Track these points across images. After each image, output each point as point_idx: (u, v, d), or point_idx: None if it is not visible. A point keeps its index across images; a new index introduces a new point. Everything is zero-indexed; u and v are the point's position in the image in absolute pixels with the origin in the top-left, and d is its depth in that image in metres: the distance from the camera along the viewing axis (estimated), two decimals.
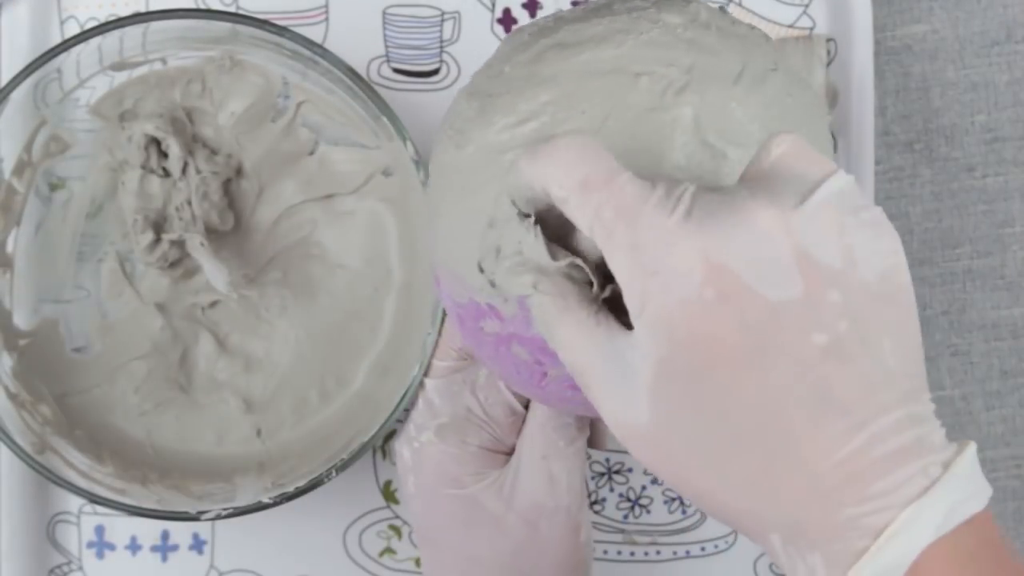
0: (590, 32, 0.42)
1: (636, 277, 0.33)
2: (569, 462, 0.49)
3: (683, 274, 0.32)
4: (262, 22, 0.54)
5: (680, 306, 0.32)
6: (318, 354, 0.59)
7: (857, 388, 0.32)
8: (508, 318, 0.42)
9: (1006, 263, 0.65)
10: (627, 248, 0.33)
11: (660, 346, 0.33)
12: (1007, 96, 0.64)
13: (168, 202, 0.57)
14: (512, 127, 0.41)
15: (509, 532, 0.50)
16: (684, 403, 0.33)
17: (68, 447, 0.55)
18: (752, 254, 0.32)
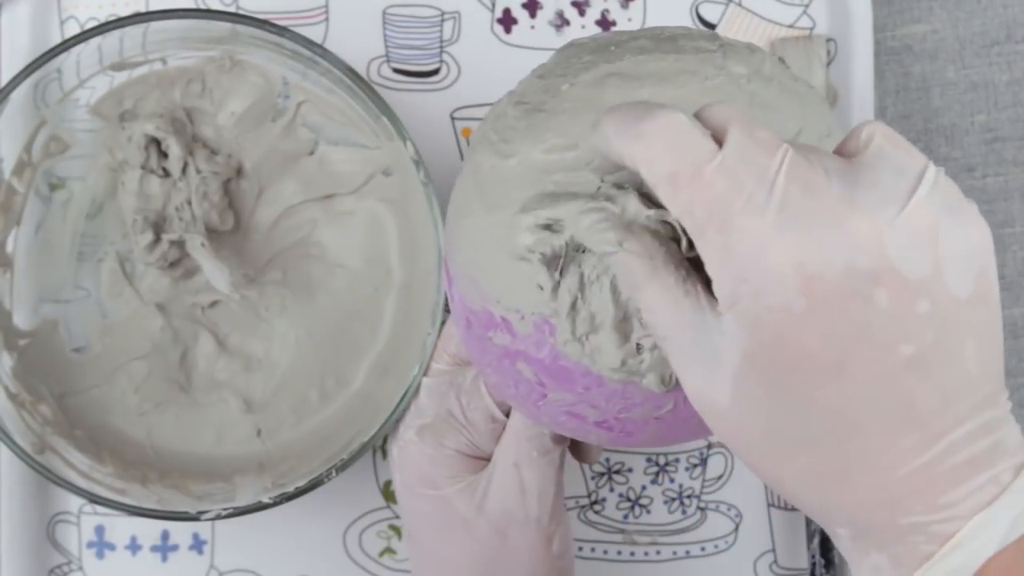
0: (653, 67, 0.41)
1: (727, 278, 0.33)
2: (541, 472, 0.49)
3: (775, 282, 0.32)
4: (262, 22, 0.54)
5: (769, 312, 0.32)
6: (318, 354, 0.59)
7: (936, 401, 0.33)
8: (520, 335, 0.42)
9: (1006, 263, 0.65)
10: (718, 249, 0.33)
11: (747, 340, 0.33)
12: (1007, 96, 0.64)
13: (168, 202, 0.57)
14: (562, 149, 0.40)
15: (479, 537, 0.50)
16: (764, 397, 0.33)
17: (68, 447, 0.55)
18: (845, 265, 0.32)
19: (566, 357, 0.41)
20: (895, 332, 0.32)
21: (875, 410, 0.33)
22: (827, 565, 0.60)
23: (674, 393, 0.41)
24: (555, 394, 0.42)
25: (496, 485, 0.50)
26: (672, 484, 0.61)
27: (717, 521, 0.62)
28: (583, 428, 0.44)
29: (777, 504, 0.62)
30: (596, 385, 0.41)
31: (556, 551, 0.50)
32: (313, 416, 0.59)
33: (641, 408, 0.41)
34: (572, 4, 0.61)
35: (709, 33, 0.43)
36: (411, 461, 0.52)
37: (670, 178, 0.33)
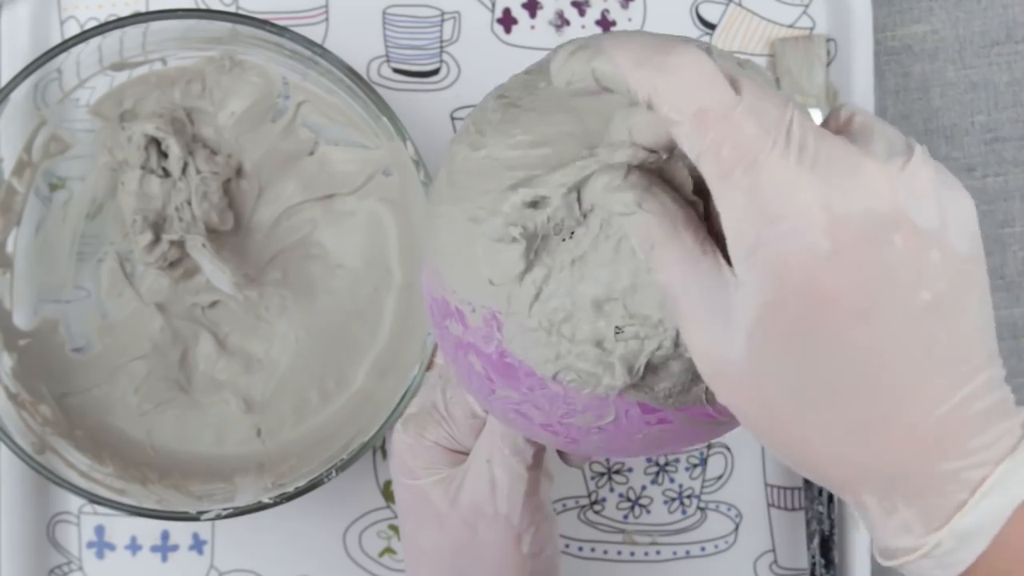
0: None
1: (749, 220, 0.32)
2: (511, 470, 0.49)
3: (803, 223, 0.32)
4: (262, 22, 0.54)
5: (796, 254, 0.32)
6: (318, 354, 0.59)
7: (957, 347, 0.33)
8: (471, 327, 0.42)
9: (1006, 263, 0.65)
10: (744, 190, 0.32)
11: (768, 290, 0.32)
12: (1007, 96, 0.64)
13: (168, 202, 0.57)
14: (526, 147, 0.40)
15: (450, 530, 0.50)
16: (787, 348, 0.33)
17: (68, 447, 0.55)
18: (868, 210, 0.32)
19: (511, 355, 0.41)
20: (914, 277, 0.33)
21: (904, 352, 0.33)
22: (827, 565, 0.60)
23: (616, 403, 0.40)
24: (502, 391, 0.43)
25: (469, 480, 0.50)
26: (672, 484, 0.61)
27: (717, 521, 0.62)
28: (531, 429, 0.44)
29: (777, 504, 0.62)
30: (539, 387, 0.41)
31: (528, 550, 0.50)
32: (313, 416, 0.59)
33: (583, 415, 0.41)
34: (572, 4, 0.61)
35: (704, 46, 0.43)
36: (395, 450, 0.52)
37: (697, 115, 0.32)
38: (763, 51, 0.61)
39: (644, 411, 0.41)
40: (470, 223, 0.41)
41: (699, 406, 0.41)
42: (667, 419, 0.41)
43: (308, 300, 0.60)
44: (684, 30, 0.61)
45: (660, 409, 0.40)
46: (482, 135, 0.42)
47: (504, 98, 0.43)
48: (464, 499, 0.50)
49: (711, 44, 0.43)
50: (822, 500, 0.60)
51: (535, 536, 0.50)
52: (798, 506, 0.62)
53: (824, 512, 0.60)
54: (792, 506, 0.62)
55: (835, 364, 0.33)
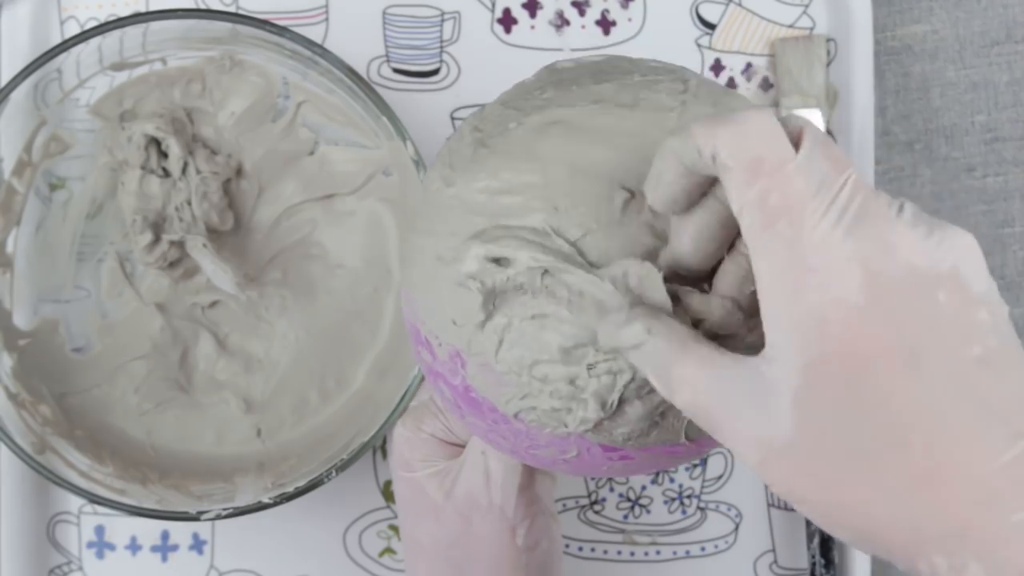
0: (601, 122, 0.40)
1: (790, 272, 0.32)
2: (506, 461, 0.49)
3: (843, 274, 0.32)
4: (262, 22, 0.54)
5: (836, 305, 0.32)
6: (318, 354, 0.59)
7: (1013, 399, 0.33)
8: (439, 359, 0.42)
9: (1006, 263, 0.65)
10: (787, 240, 0.32)
11: (809, 348, 0.32)
12: (1007, 96, 0.64)
13: (168, 202, 0.57)
14: (492, 193, 0.40)
15: (445, 522, 0.50)
16: (836, 408, 0.33)
17: (68, 447, 0.55)
18: (908, 267, 0.33)
19: (475, 391, 0.41)
20: (962, 332, 0.33)
21: (957, 404, 0.32)
22: (827, 565, 0.60)
23: (577, 441, 0.40)
24: (470, 419, 0.43)
25: (464, 472, 0.50)
26: (672, 484, 0.61)
27: (717, 521, 0.62)
28: (501, 451, 0.44)
29: (777, 504, 0.62)
30: (503, 421, 0.41)
31: (523, 543, 0.50)
32: (313, 416, 0.59)
33: (546, 449, 0.41)
34: (572, 4, 0.61)
35: (680, 83, 0.42)
36: (393, 443, 0.52)
37: (752, 163, 0.33)
38: (763, 51, 0.61)
39: (605, 450, 0.41)
40: (437, 261, 0.41)
41: (658, 447, 0.41)
42: (629, 456, 0.41)
43: (308, 300, 0.60)
44: (684, 30, 0.61)
45: (621, 448, 0.41)
46: (453, 170, 0.41)
47: (478, 132, 0.42)
48: (459, 491, 0.50)
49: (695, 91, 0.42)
50: None
51: (530, 529, 0.50)
52: None
53: None
54: (792, 506, 0.62)
55: (888, 417, 0.32)
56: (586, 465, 0.42)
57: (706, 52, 0.61)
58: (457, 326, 0.40)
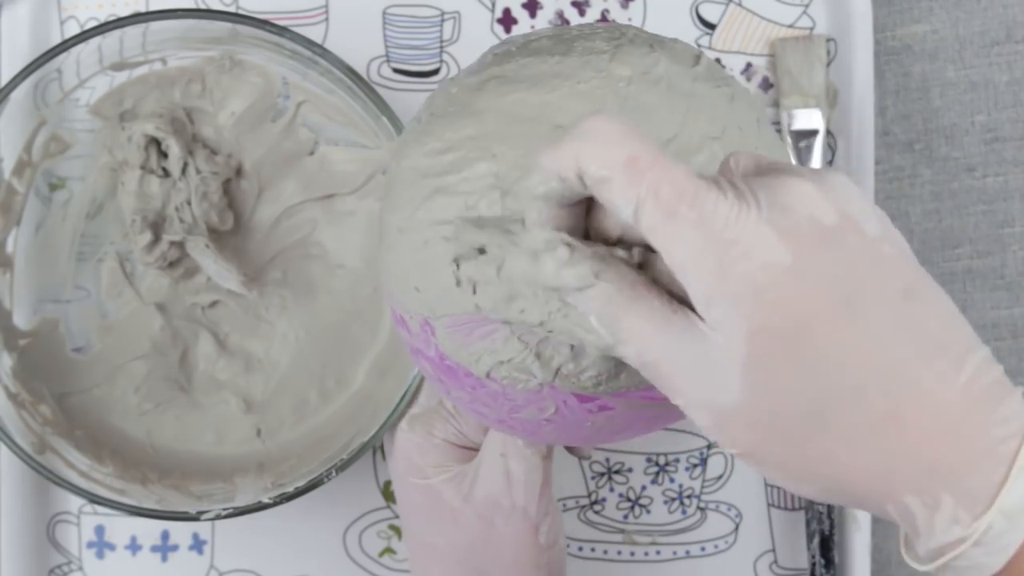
0: (533, 70, 0.41)
1: (709, 251, 0.32)
2: (527, 462, 0.49)
3: (761, 238, 0.32)
4: (262, 22, 0.54)
5: (765, 269, 0.32)
6: (318, 354, 0.59)
7: (945, 324, 0.33)
8: (414, 333, 0.42)
9: (1006, 263, 0.65)
10: (694, 222, 0.32)
11: (751, 316, 0.32)
12: (1007, 96, 0.64)
13: (168, 202, 0.57)
14: (436, 153, 0.41)
15: (465, 526, 0.50)
16: (785, 369, 0.32)
17: (68, 447, 0.55)
18: (811, 217, 0.33)
19: (448, 357, 0.41)
20: (880, 270, 0.33)
21: (900, 341, 0.33)
22: (827, 565, 0.60)
23: (551, 395, 0.40)
24: (454, 392, 0.43)
25: (483, 474, 0.50)
26: (672, 484, 0.61)
27: (717, 521, 0.62)
28: (489, 423, 0.44)
29: (777, 504, 0.62)
30: (479, 386, 0.41)
31: (544, 541, 0.50)
32: (313, 416, 0.59)
33: (526, 409, 0.42)
34: (572, 4, 0.61)
35: (618, 32, 0.43)
36: (401, 450, 0.52)
37: (629, 163, 0.32)
38: (763, 51, 0.61)
39: (581, 400, 0.41)
40: (398, 233, 0.41)
41: (633, 391, 0.40)
42: (608, 406, 0.41)
43: (308, 300, 0.60)
44: (684, 30, 0.61)
45: (596, 397, 0.40)
46: (406, 145, 0.43)
47: (428, 105, 0.43)
48: (479, 493, 0.50)
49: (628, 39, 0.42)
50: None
51: (550, 527, 0.51)
52: (798, 506, 0.62)
53: (824, 512, 0.60)
54: (792, 506, 0.62)
55: (838, 369, 0.32)
56: (569, 424, 0.42)
57: (706, 52, 0.61)
58: (420, 292, 0.40)
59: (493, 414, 0.43)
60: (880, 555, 0.63)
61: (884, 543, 0.63)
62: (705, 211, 0.32)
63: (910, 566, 0.65)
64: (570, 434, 0.43)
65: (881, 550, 0.63)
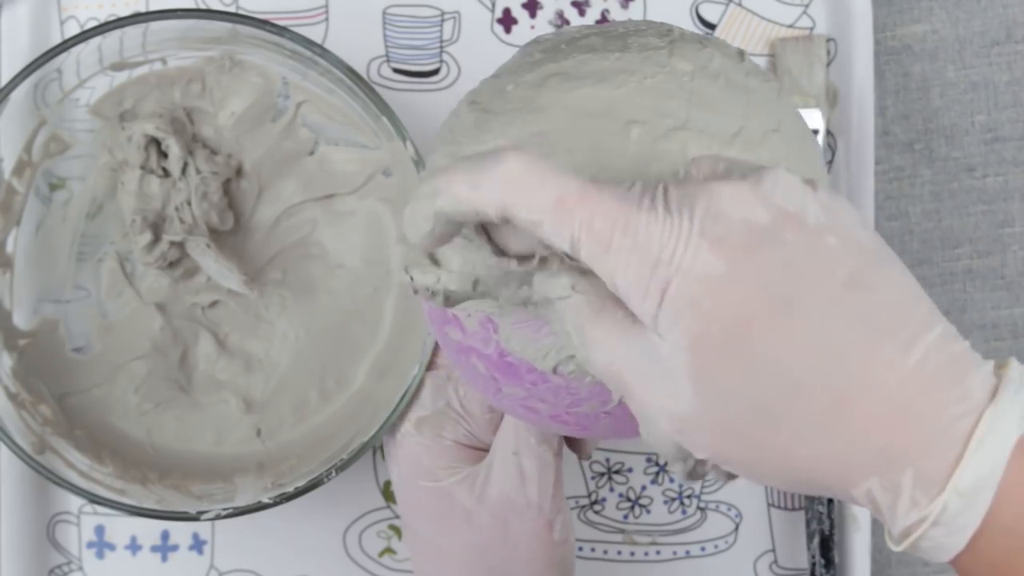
0: (595, 66, 0.41)
1: (646, 272, 0.33)
2: (540, 459, 0.49)
3: (694, 252, 0.33)
4: (262, 22, 0.54)
5: (700, 282, 0.33)
6: (318, 354, 0.59)
7: (893, 309, 0.33)
8: (469, 332, 0.42)
9: (1006, 263, 0.65)
10: (629, 249, 0.33)
11: (691, 327, 0.33)
12: (1007, 96, 0.64)
13: (168, 202, 0.57)
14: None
15: (480, 527, 0.50)
16: (731, 374, 0.33)
17: (68, 447, 0.55)
18: (744, 223, 0.33)
19: (510, 353, 0.41)
20: (820, 261, 0.33)
21: (842, 332, 0.33)
22: (827, 565, 0.60)
23: None
24: (508, 388, 0.43)
25: (496, 474, 0.50)
26: (672, 484, 0.61)
27: (717, 521, 0.62)
28: (541, 421, 0.44)
29: (777, 504, 0.62)
30: (542, 381, 0.41)
31: (558, 537, 0.51)
32: (313, 416, 0.59)
33: (588, 403, 0.42)
34: (572, 4, 0.61)
35: (665, 28, 0.43)
36: (409, 454, 0.52)
37: (557, 203, 0.34)
38: (763, 51, 0.61)
39: None
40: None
41: None
42: None
43: (308, 300, 0.60)
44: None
45: None
46: (458, 143, 0.42)
47: (476, 104, 0.43)
48: (492, 493, 0.50)
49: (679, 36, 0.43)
50: (822, 500, 0.60)
51: (563, 523, 0.51)
52: (798, 506, 0.62)
53: (824, 512, 0.60)
54: (792, 506, 0.62)
55: (779, 368, 0.33)
56: (627, 415, 0.42)
57: None
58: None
59: (548, 409, 0.43)
60: (880, 555, 0.63)
61: (884, 543, 0.63)
62: (638, 236, 0.33)
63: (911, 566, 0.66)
64: (624, 426, 0.43)
65: (881, 550, 0.63)
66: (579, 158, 0.39)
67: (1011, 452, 0.32)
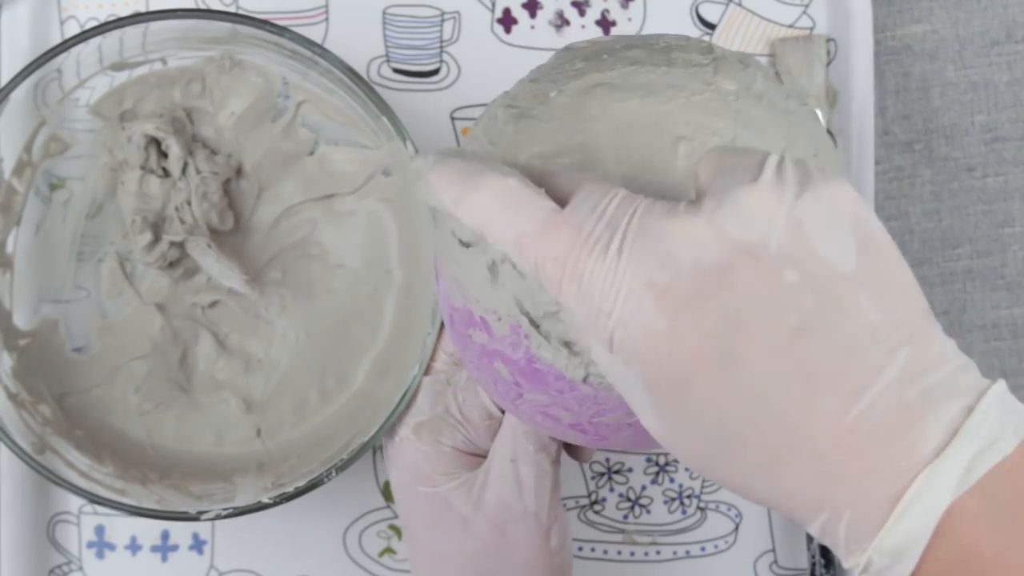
0: (642, 79, 0.41)
1: (593, 321, 0.34)
2: (538, 467, 0.49)
3: (636, 306, 0.33)
4: (262, 22, 0.54)
5: (641, 336, 0.33)
6: (318, 354, 0.59)
7: (841, 358, 0.32)
8: (497, 336, 0.42)
9: (1006, 263, 0.65)
10: (576, 297, 0.34)
11: (639, 376, 0.33)
12: (1007, 96, 0.64)
13: (168, 202, 0.57)
14: (546, 157, 0.40)
15: (476, 533, 0.50)
16: (678, 415, 0.33)
17: (68, 447, 0.55)
18: (691, 265, 0.32)
19: (540, 360, 0.41)
20: (770, 307, 0.32)
21: (780, 386, 0.32)
22: (827, 565, 0.60)
23: None
24: (530, 395, 0.43)
25: (493, 481, 0.50)
26: (672, 484, 0.61)
27: (717, 521, 0.62)
28: (559, 429, 0.44)
29: None
30: (569, 389, 0.41)
31: (554, 545, 0.50)
32: (313, 416, 0.59)
33: (613, 413, 0.41)
34: (572, 4, 0.61)
35: (705, 45, 0.43)
36: (407, 459, 0.52)
37: (517, 240, 0.34)
38: (763, 51, 0.61)
39: None
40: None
41: None
42: None
43: (308, 300, 0.60)
44: (684, 30, 0.61)
45: None
46: (495, 146, 0.42)
47: (514, 108, 0.42)
48: (489, 499, 0.50)
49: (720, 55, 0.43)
50: None
51: (560, 531, 0.51)
52: None
53: None
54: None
55: (718, 417, 0.33)
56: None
57: None
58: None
59: (570, 418, 0.43)
60: None
61: None
62: (583, 285, 0.33)
63: None
64: (643, 438, 0.43)
65: None
66: (626, 169, 0.39)
67: (940, 517, 0.31)
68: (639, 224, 0.33)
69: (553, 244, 0.34)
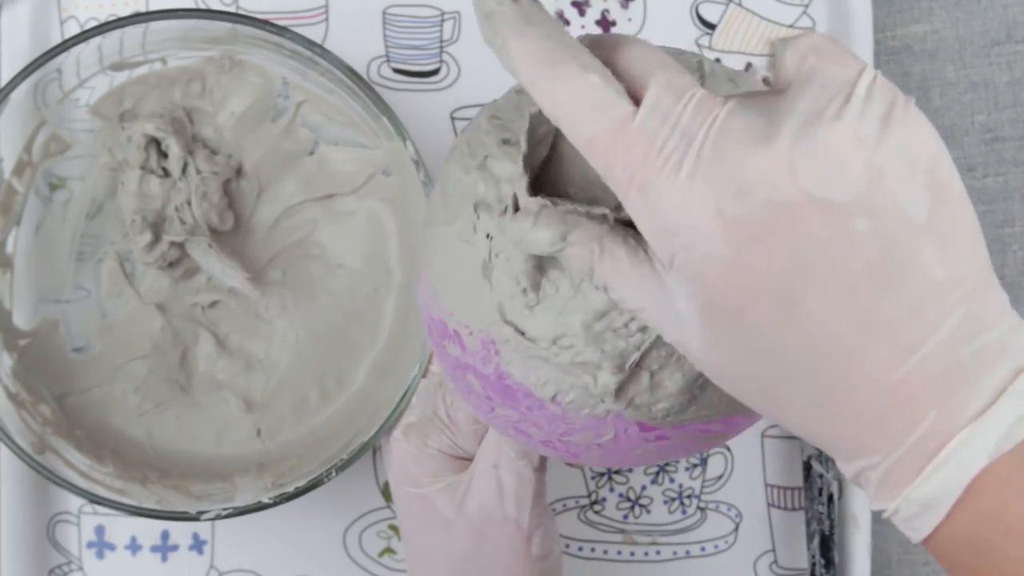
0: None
1: (658, 236, 0.33)
2: (519, 474, 0.49)
3: (702, 232, 0.32)
4: (262, 22, 0.54)
5: (705, 261, 0.32)
6: (318, 354, 0.59)
7: (902, 311, 0.32)
8: (469, 350, 0.42)
9: (1006, 263, 0.65)
10: (640, 209, 0.33)
11: (695, 296, 0.33)
12: (1007, 96, 0.64)
13: (168, 202, 0.57)
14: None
15: (458, 536, 0.50)
16: (731, 343, 0.33)
17: (68, 447, 0.55)
18: (764, 201, 0.32)
19: (510, 377, 0.41)
20: (838, 254, 0.32)
21: (838, 332, 0.32)
22: (827, 565, 0.60)
23: (615, 422, 0.40)
24: (501, 409, 0.43)
25: (476, 485, 0.50)
26: (672, 484, 0.61)
27: (717, 521, 0.62)
28: (531, 443, 0.44)
29: (777, 504, 0.62)
30: (538, 407, 0.41)
31: (536, 552, 0.50)
32: (313, 416, 0.59)
33: (582, 434, 0.41)
34: (572, 4, 0.61)
35: (695, 61, 0.43)
36: (396, 459, 0.52)
37: (589, 142, 0.33)
38: (763, 51, 0.61)
39: (642, 429, 0.41)
40: (463, 244, 0.41)
41: (696, 423, 0.41)
42: (665, 436, 0.41)
43: (308, 300, 0.60)
44: (684, 30, 0.61)
45: (658, 427, 0.41)
46: (475, 157, 0.42)
47: (496, 119, 0.42)
48: (471, 504, 0.50)
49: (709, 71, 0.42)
50: (822, 500, 0.60)
51: (543, 538, 0.50)
52: (798, 506, 0.62)
53: (824, 512, 0.60)
54: (792, 506, 0.62)
55: (773, 351, 0.33)
56: (620, 449, 0.42)
57: (706, 52, 0.61)
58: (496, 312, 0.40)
59: (540, 435, 0.43)
60: (880, 555, 0.63)
61: (884, 543, 0.63)
62: (649, 199, 0.32)
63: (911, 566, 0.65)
64: (616, 459, 0.43)
65: (881, 550, 0.63)
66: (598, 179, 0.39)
67: (981, 471, 0.31)
68: (714, 146, 0.32)
69: (624, 152, 0.32)
